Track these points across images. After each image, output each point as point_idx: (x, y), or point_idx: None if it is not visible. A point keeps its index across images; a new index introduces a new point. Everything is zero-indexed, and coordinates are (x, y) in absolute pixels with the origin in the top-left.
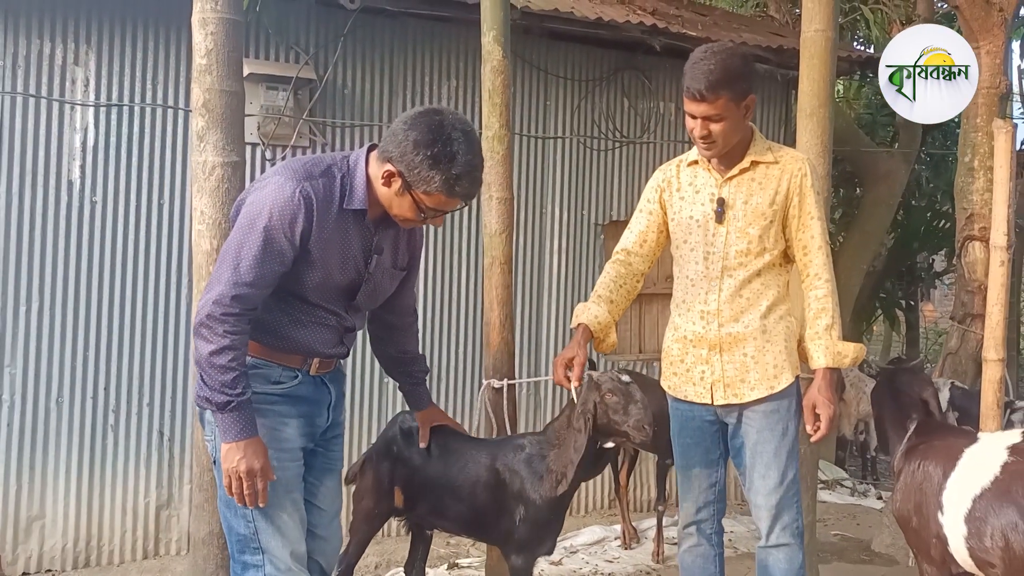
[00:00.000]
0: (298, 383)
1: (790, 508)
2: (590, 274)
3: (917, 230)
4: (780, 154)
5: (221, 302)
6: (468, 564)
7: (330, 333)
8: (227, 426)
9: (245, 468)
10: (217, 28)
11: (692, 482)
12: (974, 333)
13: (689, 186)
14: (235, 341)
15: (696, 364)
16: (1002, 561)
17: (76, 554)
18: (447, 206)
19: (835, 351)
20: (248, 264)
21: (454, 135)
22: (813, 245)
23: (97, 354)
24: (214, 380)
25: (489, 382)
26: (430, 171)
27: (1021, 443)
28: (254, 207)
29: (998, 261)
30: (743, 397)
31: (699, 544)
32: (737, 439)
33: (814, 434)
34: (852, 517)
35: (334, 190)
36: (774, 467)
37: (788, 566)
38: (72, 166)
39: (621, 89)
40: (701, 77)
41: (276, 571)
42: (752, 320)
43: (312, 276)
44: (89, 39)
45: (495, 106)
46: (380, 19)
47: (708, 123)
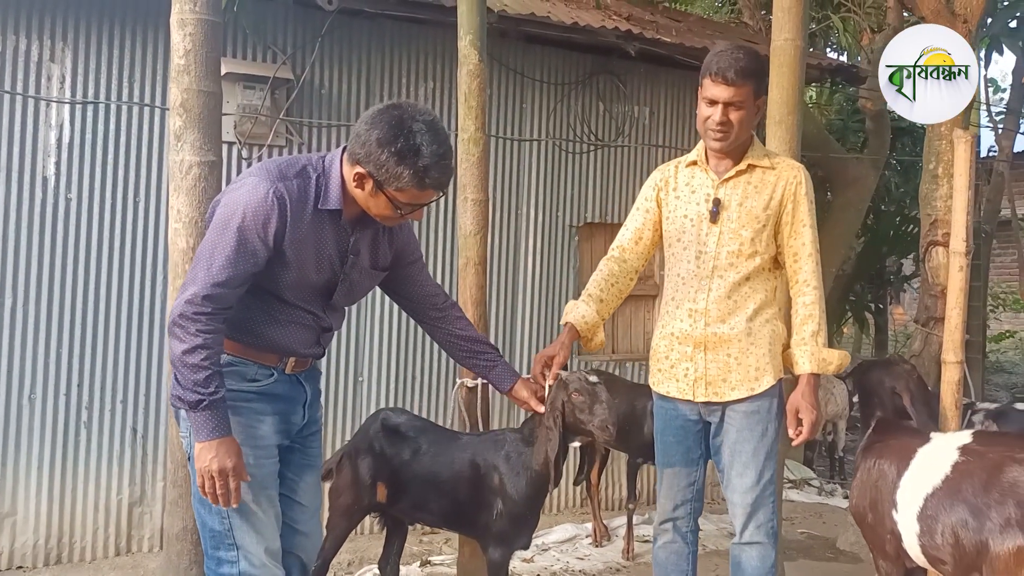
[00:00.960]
0: (274, 381)
1: (765, 507)
2: (564, 275)
3: (886, 234)
4: (777, 160)
5: (194, 301)
6: (441, 561)
7: (307, 333)
8: (200, 425)
9: (217, 467)
10: (195, 29)
11: (672, 479)
12: (937, 336)
13: (686, 186)
14: (208, 340)
15: (681, 361)
16: (952, 558)
17: (48, 551)
18: (422, 199)
19: (820, 357)
20: (221, 264)
21: (415, 127)
22: (804, 252)
23: (71, 351)
24: (187, 379)
25: (463, 381)
26: (398, 167)
27: (971, 444)
28: (228, 208)
29: (957, 266)
30: (723, 396)
31: (674, 541)
32: (718, 437)
33: (796, 438)
34: (819, 516)
35: (309, 190)
36: (752, 466)
37: (760, 563)
38: (47, 163)
39: (596, 93)
40: (732, 62)
41: (251, 567)
42: (738, 322)
43: (286, 276)
44: (65, 36)
45: (471, 109)
46: (358, 20)
47: (729, 110)
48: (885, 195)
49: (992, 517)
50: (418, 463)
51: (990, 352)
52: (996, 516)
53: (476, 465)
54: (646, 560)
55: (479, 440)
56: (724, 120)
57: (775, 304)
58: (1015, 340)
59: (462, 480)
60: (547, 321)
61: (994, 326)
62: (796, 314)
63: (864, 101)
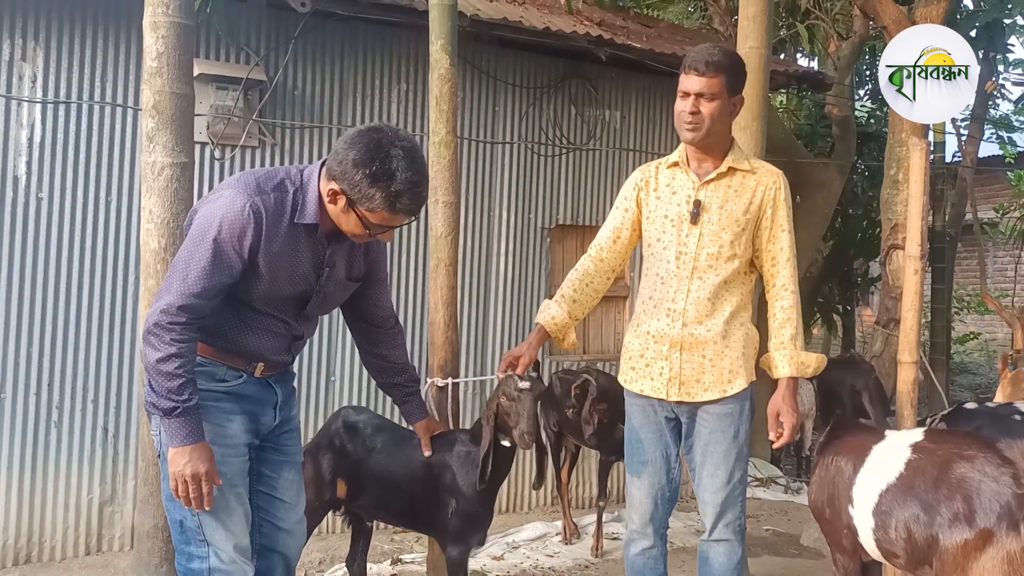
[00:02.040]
0: (243, 382)
1: (734, 506)
2: (536, 276)
3: (853, 237)
4: (757, 165)
5: (169, 311)
6: (411, 560)
7: (278, 341)
8: (174, 431)
9: (191, 472)
10: (168, 32)
11: (652, 478)
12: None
13: (667, 187)
14: (182, 349)
15: (656, 360)
16: (905, 551)
17: (17, 550)
18: (392, 222)
19: (798, 361)
20: (196, 275)
21: (393, 152)
22: (782, 257)
23: (41, 350)
24: (161, 386)
25: (433, 380)
26: (370, 189)
27: (923, 441)
28: (205, 219)
29: (912, 269)
30: (696, 396)
31: (652, 546)
32: (691, 437)
33: (776, 440)
34: (784, 513)
35: (286, 204)
36: (722, 467)
37: (727, 560)
38: (18, 162)
39: (568, 97)
40: (705, 56)
41: (220, 563)
42: (715, 324)
43: (259, 287)
44: (37, 36)
45: (442, 112)
46: (331, 23)
47: (700, 101)
48: (852, 199)
49: (942, 512)
50: (375, 461)
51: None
52: (945, 511)
53: (429, 464)
54: (615, 557)
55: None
56: (695, 111)
57: (749, 307)
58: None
59: (416, 479)
60: (519, 322)
61: (959, 328)
62: (774, 318)
63: (831, 107)
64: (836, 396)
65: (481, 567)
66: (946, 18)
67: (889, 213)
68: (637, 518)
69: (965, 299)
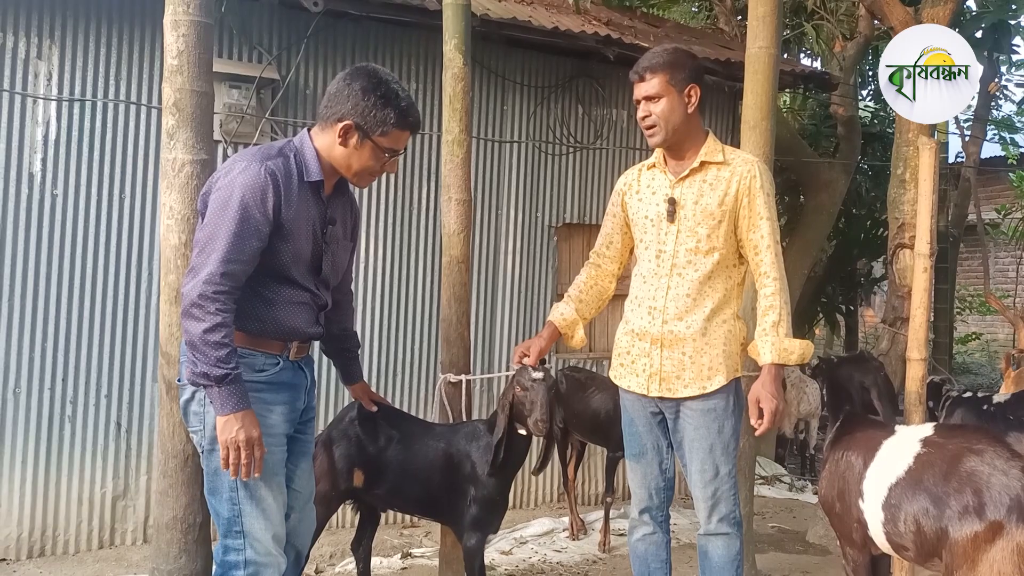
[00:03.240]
0: (280, 369)
1: (727, 500)
2: (543, 273)
3: (857, 238)
4: (731, 156)
5: (211, 281)
6: (421, 554)
7: (308, 312)
8: (224, 399)
9: (244, 437)
10: (188, 31)
11: (646, 468)
12: (903, 335)
13: (647, 188)
14: (226, 319)
15: (640, 356)
16: (914, 544)
17: (31, 543)
18: (400, 142)
19: (781, 347)
20: (228, 243)
21: (385, 78)
22: (763, 245)
23: (56, 345)
24: (210, 356)
25: (446, 376)
26: (384, 109)
27: (933, 436)
28: (224, 191)
29: (921, 267)
30: (676, 393)
31: (653, 532)
32: (677, 434)
33: (758, 427)
34: (789, 511)
35: (291, 167)
36: (709, 462)
37: (726, 552)
38: (33, 159)
39: (576, 96)
40: (642, 62)
41: (256, 555)
42: (695, 321)
43: (286, 250)
44: (52, 34)
45: (455, 111)
46: (343, 22)
47: (648, 104)
48: (856, 199)
49: (951, 505)
50: (394, 450)
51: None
52: (955, 504)
53: (449, 453)
54: (622, 552)
55: (451, 430)
56: (646, 115)
57: (737, 301)
58: (981, 342)
59: (435, 467)
60: (526, 319)
61: (961, 328)
62: (759, 306)
63: (836, 107)
64: (845, 392)
65: (490, 561)
66: (952, 19)
67: (896, 212)
68: (635, 506)
69: (967, 299)
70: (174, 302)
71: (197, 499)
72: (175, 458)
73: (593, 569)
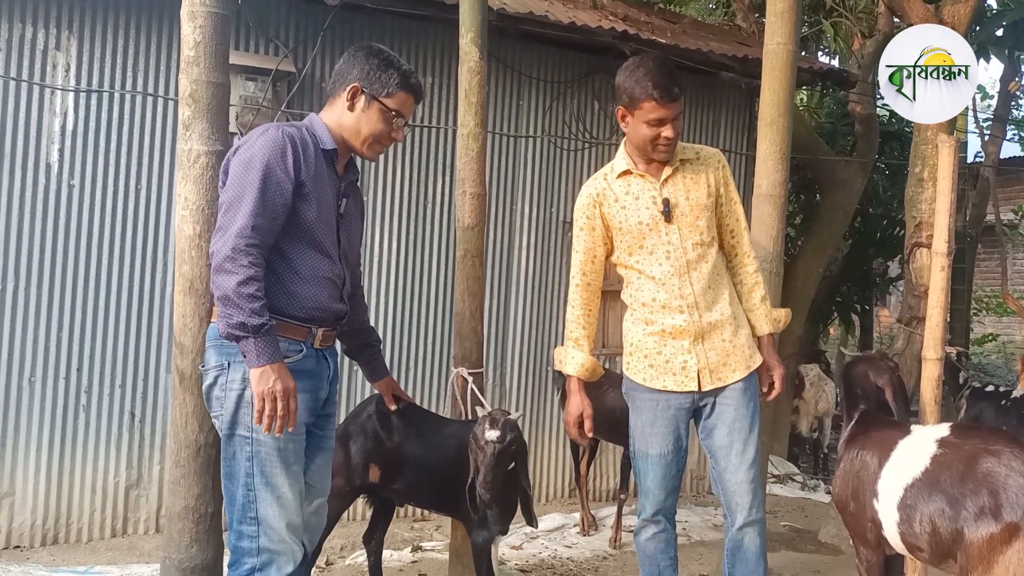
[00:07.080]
0: (303, 357)
1: (760, 482)
2: (557, 269)
3: (873, 237)
4: (698, 150)
5: (243, 234)
6: (432, 547)
7: (330, 286)
8: (260, 350)
9: (281, 387)
10: (206, 22)
11: (666, 469)
12: (919, 334)
13: (627, 195)
14: (258, 272)
15: (677, 355)
16: (929, 545)
17: (45, 531)
18: (407, 106)
19: (772, 318)
20: (256, 199)
21: (383, 49)
22: (739, 227)
23: (71, 335)
24: (246, 308)
25: (459, 371)
26: (387, 71)
27: (949, 436)
28: (245, 154)
29: (939, 266)
30: (727, 379)
31: (664, 530)
32: (711, 419)
33: (770, 394)
34: (801, 510)
35: (306, 136)
36: (751, 442)
37: (761, 540)
38: (51, 149)
39: (592, 92)
40: (667, 81)
41: (270, 542)
42: (723, 307)
43: (310, 211)
44: (71, 25)
45: (471, 105)
46: (359, 15)
47: (676, 123)
48: (873, 198)
49: (967, 506)
50: (411, 446)
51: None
52: (971, 505)
53: (462, 450)
54: (633, 549)
55: (464, 427)
56: (674, 134)
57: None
58: (997, 343)
59: (451, 464)
60: (539, 314)
61: (977, 329)
62: (742, 283)
63: (854, 105)
64: (860, 392)
65: (501, 555)
66: (973, 17)
67: (913, 211)
68: (650, 507)
69: (984, 300)
70: (188, 292)
71: (209, 489)
72: (187, 448)
73: (604, 565)
